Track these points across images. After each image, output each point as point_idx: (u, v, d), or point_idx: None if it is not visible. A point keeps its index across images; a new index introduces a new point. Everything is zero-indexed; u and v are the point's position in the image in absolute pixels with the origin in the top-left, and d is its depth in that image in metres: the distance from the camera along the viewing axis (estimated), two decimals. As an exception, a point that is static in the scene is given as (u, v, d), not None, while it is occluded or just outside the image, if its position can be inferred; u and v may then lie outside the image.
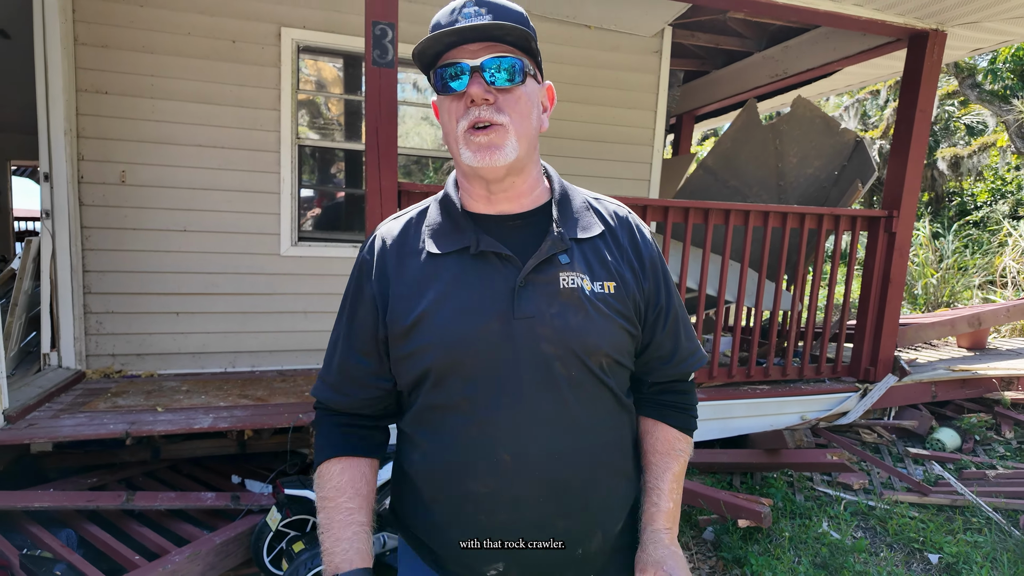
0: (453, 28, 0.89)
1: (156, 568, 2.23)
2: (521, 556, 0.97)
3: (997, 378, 4.27)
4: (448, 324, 0.94)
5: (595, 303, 0.96)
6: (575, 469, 0.96)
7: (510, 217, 1.01)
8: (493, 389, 0.94)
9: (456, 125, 0.94)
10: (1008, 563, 2.64)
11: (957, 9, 3.55)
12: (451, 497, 0.98)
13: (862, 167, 4.10)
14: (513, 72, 0.92)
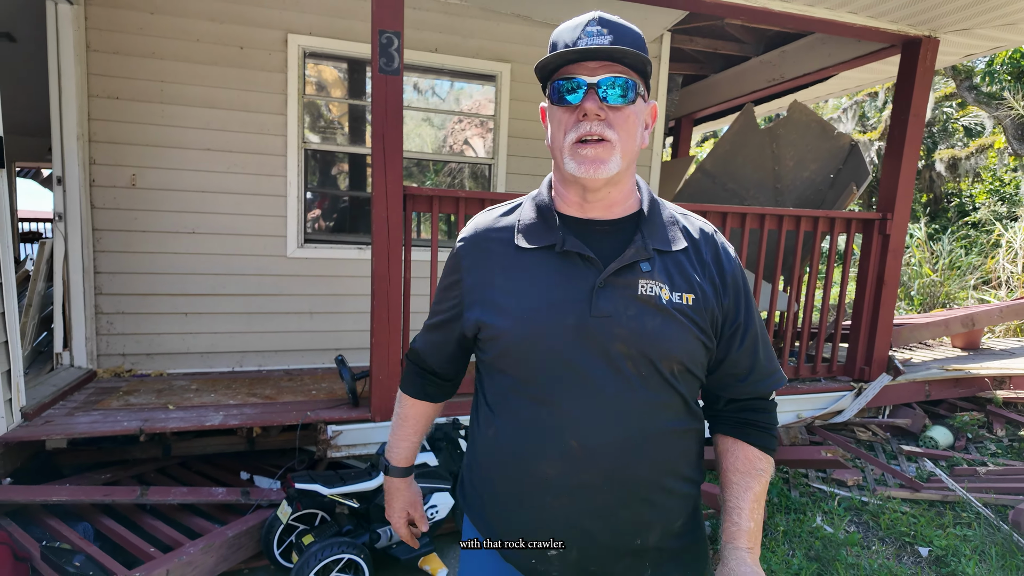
0: (576, 49, 0.96)
1: (172, 559, 2.31)
2: (583, 540, 1.03)
3: (990, 377, 4.35)
4: (528, 315, 1.01)
5: (672, 312, 1.00)
6: (639, 464, 1.01)
7: (599, 223, 1.07)
8: (565, 380, 1.00)
9: (564, 136, 1.00)
10: (996, 556, 2.72)
11: (949, 16, 3.64)
12: (518, 476, 1.05)
13: (857, 170, 4.19)
14: (626, 91, 0.98)
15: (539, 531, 1.05)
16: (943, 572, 2.68)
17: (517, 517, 1.07)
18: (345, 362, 3.29)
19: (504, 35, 4.44)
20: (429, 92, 4.69)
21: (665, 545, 1.08)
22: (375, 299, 3.03)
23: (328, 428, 3.09)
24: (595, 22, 0.98)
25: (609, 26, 0.98)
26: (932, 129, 15.96)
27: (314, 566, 2.36)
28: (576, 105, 0.98)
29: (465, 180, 5.59)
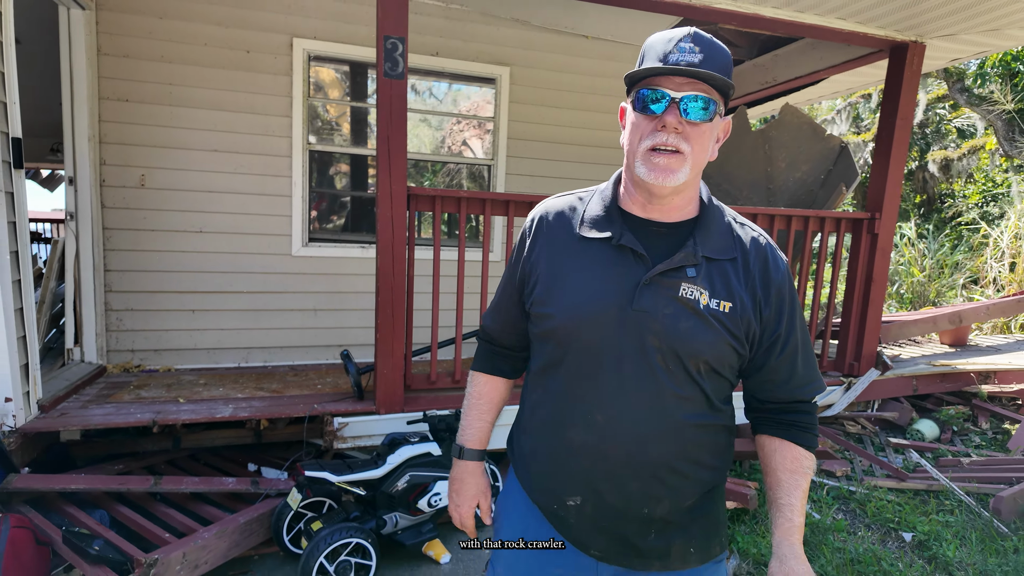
0: (667, 66, 1.02)
1: (188, 543, 2.41)
2: (596, 499, 1.15)
3: (975, 372, 4.48)
4: (575, 299, 1.12)
5: (707, 316, 1.07)
6: (654, 446, 1.10)
7: (657, 224, 1.14)
8: (599, 361, 1.10)
9: (640, 142, 1.07)
10: (976, 540, 2.85)
11: (935, 22, 3.76)
12: (551, 438, 1.18)
13: (846, 171, 4.31)
14: (707, 108, 1.04)
15: (562, 485, 1.18)
16: (925, 555, 2.80)
17: (546, 470, 1.21)
18: (351, 357, 3.40)
19: (504, 39, 4.55)
20: (427, 93, 4.80)
21: (673, 518, 1.16)
22: (379, 296, 3.14)
23: (335, 420, 3.20)
24: (688, 38, 1.04)
25: (701, 44, 1.04)
26: (926, 131, 16.12)
27: (324, 549, 2.46)
28: (658, 116, 1.05)
29: (463, 180, 5.71)
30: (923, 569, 2.69)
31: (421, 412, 3.15)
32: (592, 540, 1.18)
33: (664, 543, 1.17)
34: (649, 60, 1.07)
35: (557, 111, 4.75)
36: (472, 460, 1.36)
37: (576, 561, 1.20)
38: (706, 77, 1.01)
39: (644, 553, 1.17)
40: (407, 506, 2.80)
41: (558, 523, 1.22)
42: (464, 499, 1.36)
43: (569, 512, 1.19)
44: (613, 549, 1.18)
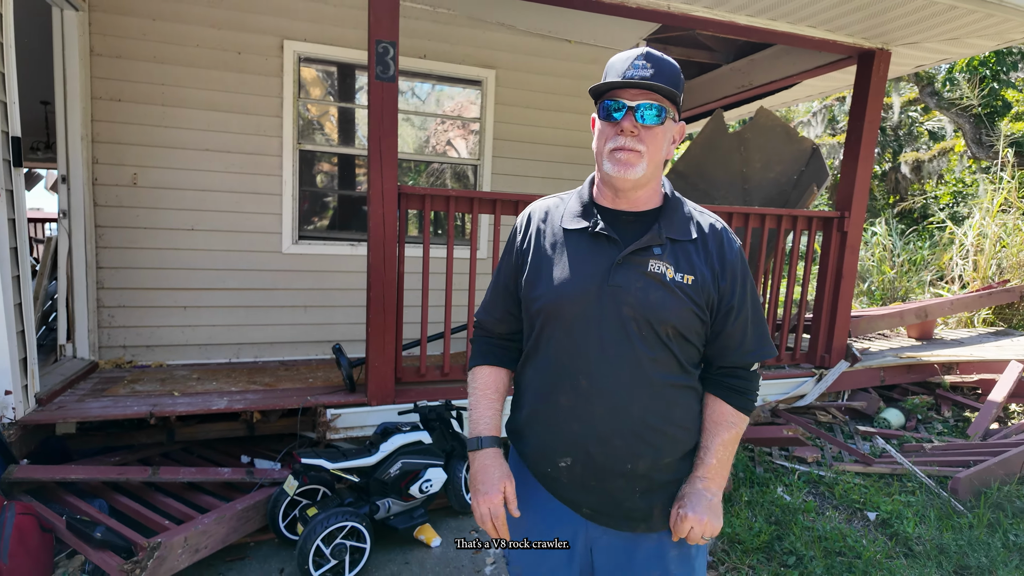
0: (624, 80, 1.22)
1: (189, 528, 2.51)
2: (584, 457, 1.29)
3: (939, 364, 4.71)
4: (559, 279, 1.29)
5: (672, 287, 1.25)
6: (634, 403, 1.26)
7: (627, 213, 1.33)
8: (582, 332, 1.27)
9: (605, 144, 1.28)
10: (934, 518, 3.04)
11: (900, 31, 3.97)
12: (543, 406, 1.34)
13: (818, 172, 4.51)
14: (659, 114, 1.23)
15: (554, 448, 1.33)
16: (887, 532, 2.99)
17: (539, 437, 1.36)
18: (342, 351, 3.50)
19: (490, 42, 4.68)
20: (409, 93, 4.90)
21: (654, 476, 1.30)
22: (371, 291, 3.25)
23: (328, 411, 3.30)
24: (642, 57, 1.24)
25: (652, 61, 1.24)
26: (899, 133, 16.56)
27: (320, 532, 2.57)
28: (618, 122, 1.25)
29: (447, 180, 5.81)
30: (885, 544, 2.88)
31: (412, 403, 3.26)
32: (583, 498, 1.32)
33: (647, 504, 1.31)
34: (610, 77, 1.27)
35: (542, 113, 4.89)
36: (491, 447, 1.37)
37: (570, 524, 1.35)
38: (655, 88, 1.21)
39: (630, 513, 1.31)
40: (399, 492, 2.92)
41: (550, 484, 1.35)
42: (491, 484, 1.32)
43: (561, 473, 1.33)
44: (602, 509, 1.32)
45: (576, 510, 1.34)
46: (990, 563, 2.65)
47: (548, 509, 1.37)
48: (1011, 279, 6.13)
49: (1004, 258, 6.28)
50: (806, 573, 2.63)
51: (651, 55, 1.25)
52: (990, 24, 3.74)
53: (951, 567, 2.68)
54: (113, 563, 2.34)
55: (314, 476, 2.86)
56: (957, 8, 3.51)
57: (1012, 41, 4.01)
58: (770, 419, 4.06)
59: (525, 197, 3.50)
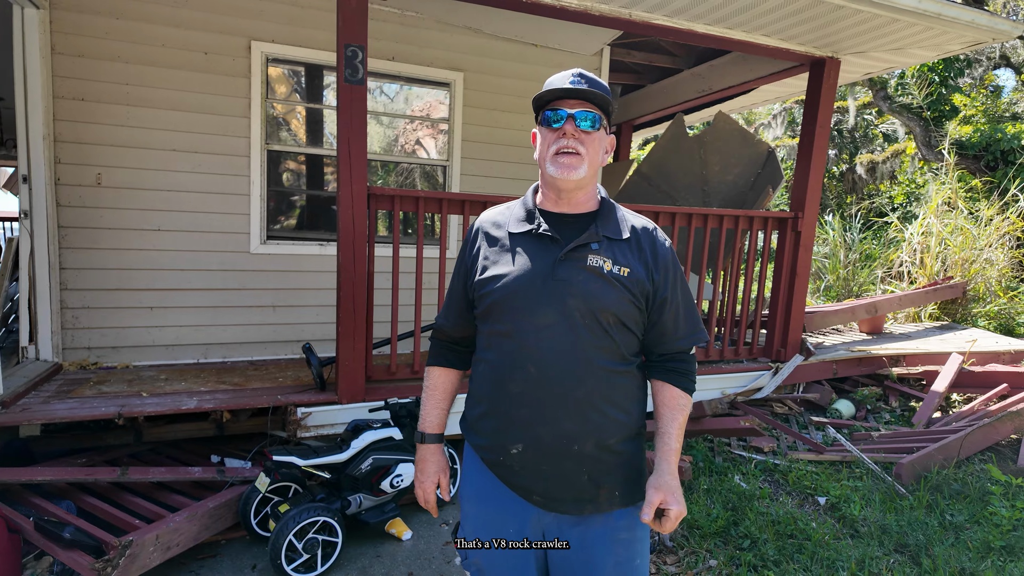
0: (564, 88, 1.38)
1: (161, 526, 2.53)
2: (534, 442, 1.40)
3: (887, 356, 4.96)
4: (508, 277, 1.40)
5: (610, 279, 1.37)
6: (580, 387, 1.36)
7: (568, 215, 1.46)
8: (530, 324, 1.38)
9: (548, 148, 1.40)
10: (879, 501, 3.23)
11: (847, 41, 4.18)
12: (495, 396, 1.44)
13: (773, 174, 4.71)
14: (594, 122, 1.39)
15: (506, 435, 1.42)
16: (836, 515, 3.17)
17: (492, 426, 1.45)
18: (312, 349, 3.54)
19: (458, 46, 4.76)
20: (378, 92, 4.95)
21: (600, 456, 1.41)
22: (341, 291, 3.30)
23: (298, 410, 3.34)
24: (577, 75, 1.41)
25: (586, 79, 1.41)
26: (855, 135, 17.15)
27: (293, 528, 2.62)
28: (559, 128, 1.39)
29: (416, 179, 5.87)
30: (833, 527, 3.05)
31: (383, 401, 3.33)
32: (534, 484, 1.42)
33: (595, 486, 1.41)
34: None
35: (509, 115, 4.99)
36: (432, 443, 1.58)
37: (523, 514, 1.44)
38: (590, 96, 1.38)
39: (579, 495, 1.41)
40: (371, 487, 2.98)
41: (503, 472, 1.45)
42: (427, 475, 1.57)
43: (513, 460, 1.42)
44: (553, 492, 1.41)
45: (527, 498, 1.43)
46: (926, 540, 2.84)
47: (501, 500, 1.46)
48: (954, 276, 6.46)
49: (948, 256, 6.61)
50: (759, 555, 2.78)
51: (584, 74, 1.41)
52: (929, 36, 3.97)
53: (892, 545, 2.87)
54: (84, 562, 2.35)
55: (285, 473, 2.91)
56: (899, 20, 3.72)
57: (950, 51, 4.26)
58: (728, 411, 4.23)
59: (494, 198, 3.58)
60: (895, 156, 14.50)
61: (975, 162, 11.41)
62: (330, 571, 2.76)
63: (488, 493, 1.48)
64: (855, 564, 2.69)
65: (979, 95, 13.82)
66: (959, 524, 3.00)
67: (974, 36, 3.94)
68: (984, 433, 3.71)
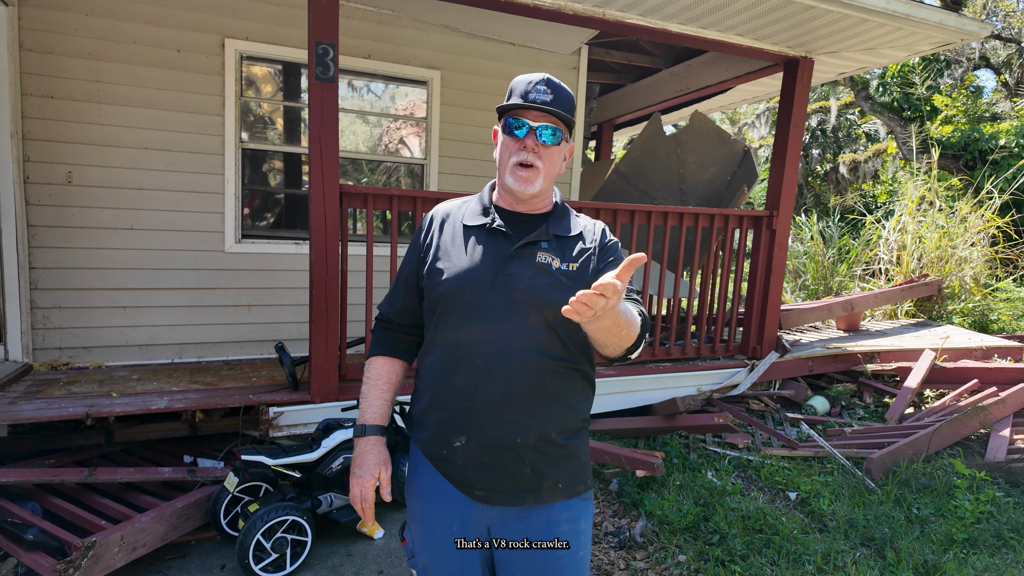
0: (528, 103, 1.38)
1: (127, 526, 2.51)
2: (477, 434, 1.40)
3: (862, 353, 5.01)
4: (459, 269, 1.42)
5: (557, 276, 1.40)
6: (524, 380, 1.37)
7: (521, 215, 1.49)
8: (478, 316, 1.39)
9: (509, 157, 1.42)
10: (848, 496, 3.27)
11: (820, 41, 4.22)
12: (441, 388, 1.43)
13: (748, 173, 4.74)
14: (555, 137, 1.40)
15: (450, 427, 1.42)
16: (805, 510, 3.20)
17: (436, 418, 1.45)
18: (285, 349, 3.53)
19: (435, 44, 4.75)
20: (364, 90, 4.94)
21: (543, 449, 1.41)
22: (313, 290, 3.29)
23: (270, 409, 3.33)
24: (543, 83, 1.41)
25: (552, 87, 1.41)
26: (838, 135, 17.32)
27: (261, 527, 2.61)
28: (521, 139, 1.41)
29: (402, 178, 5.86)
30: (802, 521, 3.09)
31: (355, 400, 3.32)
32: (476, 477, 1.42)
33: (537, 478, 1.42)
34: (514, 97, 1.42)
35: (487, 114, 4.99)
36: (373, 435, 1.46)
37: (465, 509, 1.44)
38: (554, 113, 1.39)
39: (521, 486, 1.42)
40: (342, 486, 2.98)
41: (445, 466, 1.44)
42: (365, 469, 1.42)
43: (455, 453, 1.42)
44: (494, 485, 1.42)
45: (469, 493, 1.43)
46: (892, 534, 2.88)
47: (444, 496, 1.46)
48: (930, 273, 6.54)
49: (924, 253, 6.69)
50: (727, 549, 2.81)
51: (551, 82, 1.42)
52: (899, 36, 4.02)
53: (858, 539, 2.90)
54: (46, 564, 2.33)
55: (255, 473, 2.90)
56: (869, 21, 3.76)
57: (921, 52, 4.32)
58: (704, 408, 4.26)
59: (468, 196, 3.58)
60: (877, 156, 14.66)
61: (954, 161, 11.56)
62: (300, 570, 2.75)
63: (431, 489, 1.47)
64: (821, 558, 2.72)
65: (960, 96, 14.01)
66: (925, 517, 3.05)
67: (943, 37, 3.99)
68: (952, 428, 3.77)
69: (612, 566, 2.80)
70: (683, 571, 2.72)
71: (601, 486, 3.46)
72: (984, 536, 2.85)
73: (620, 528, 3.07)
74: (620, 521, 3.15)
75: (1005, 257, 7.44)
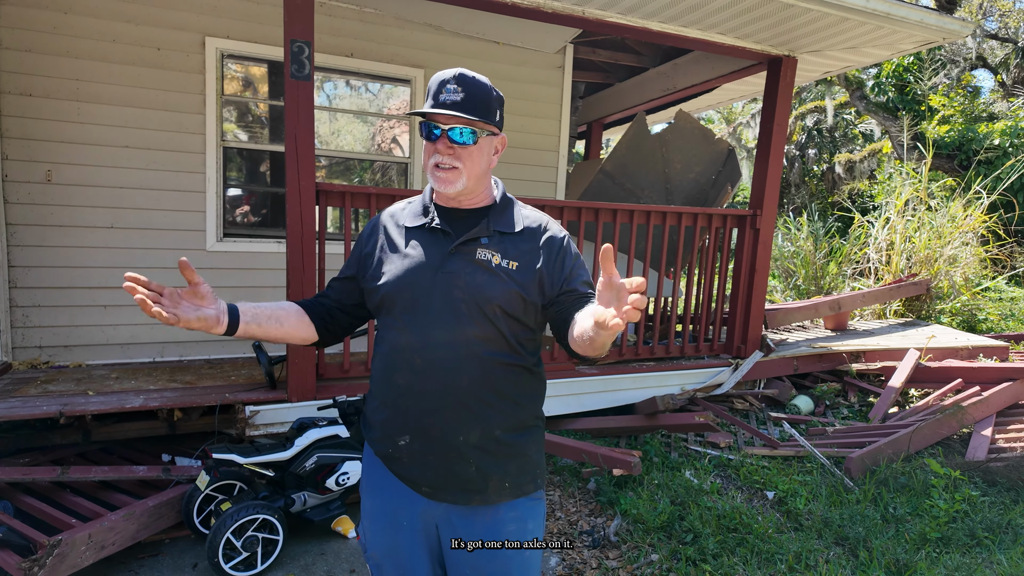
0: (432, 108, 1.34)
1: (95, 524, 2.50)
2: (420, 433, 1.40)
3: (847, 353, 5.00)
4: (399, 270, 1.42)
5: (498, 272, 1.37)
6: (464, 378, 1.37)
7: (461, 210, 1.47)
8: (418, 315, 1.39)
9: (428, 160, 1.41)
10: (825, 495, 3.26)
11: (803, 39, 4.21)
12: (385, 388, 1.44)
13: (732, 173, 4.74)
14: (471, 136, 1.36)
15: (394, 427, 1.43)
16: (782, 509, 3.19)
17: (382, 418, 1.46)
18: (262, 348, 3.52)
19: (418, 43, 4.74)
20: (362, 88, 4.93)
21: (486, 446, 1.40)
22: (290, 288, 3.28)
23: (246, 408, 3.32)
24: (453, 80, 1.35)
25: (464, 84, 1.35)
26: (834, 135, 17.32)
27: (231, 525, 2.60)
28: (433, 143, 1.38)
29: (394, 177, 5.86)
30: (777, 520, 3.08)
31: (332, 399, 3.31)
32: (422, 475, 1.42)
33: (482, 477, 1.41)
34: (428, 99, 1.40)
35: (472, 112, 4.97)
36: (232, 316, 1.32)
37: (413, 505, 1.45)
38: (461, 116, 1.33)
39: (466, 486, 1.41)
40: (315, 485, 2.97)
41: (393, 464, 1.46)
42: None
43: (401, 451, 1.43)
44: (439, 483, 1.41)
45: (416, 489, 1.44)
46: (866, 533, 2.87)
47: (393, 492, 1.46)
48: (919, 273, 6.54)
49: (912, 253, 6.68)
50: (700, 548, 2.80)
51: (463, 78, 1.36)
52: (881, 35, 4.01)
53: (832, 538, 2.89)
54: (12, 562, 2.32)
55: (228, 471, 2.89)
56: (849, 20, 3.75)
57: (903, 51, 4.31)
58: (687, 407, 4.25)
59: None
60: (872, 155, 14.65)
61: (949, 161, 11.56)
62: (271, 569, 2.74)
63: (381, 485, 1.48)
64: (793, 557, 2.71)
65: (956, 96, 13.99)
66: (900, 516, 3.04)
67: (924, 36, 3.99)
68: (932, 428, 3.76)
69: (584, 565, 2.79)
70: (655, 570, 2.71)
71: (579, 485, 3.45)
72: (957, 535, 2.84)
73: (595, 527, 3.06)
74: (596, 520, 3.14)
75: (995, 257, 7.43)
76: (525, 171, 5.23)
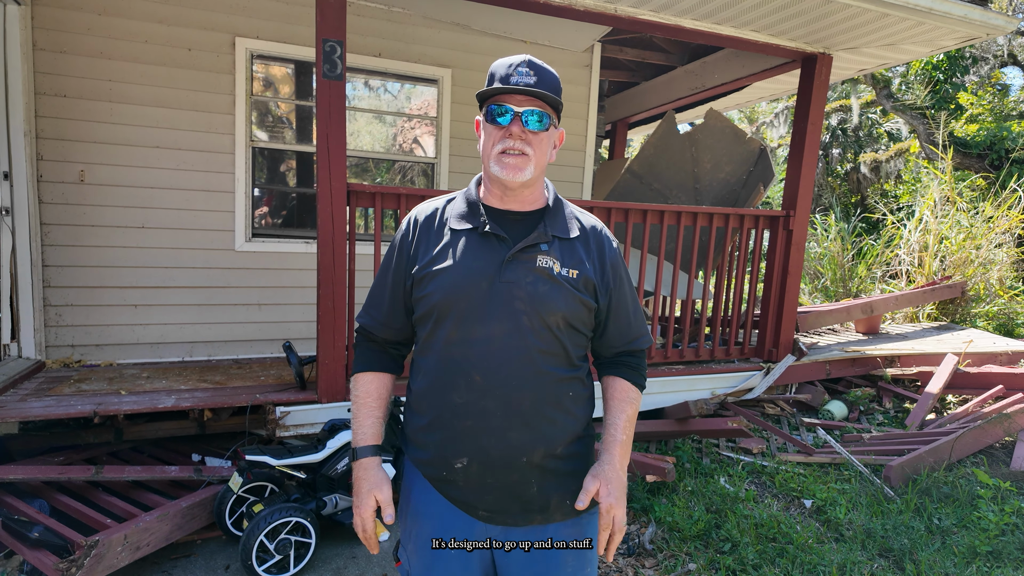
0: (510, 86, 1.27)
1: (130, 525, 2.50)
2: (481, 455, 1.31)
3: (881, 357, 4.88)
4: (451, 278, 1.31)
5: (560, 281, 1.30)
6: (527, 395, 1.29)
7: (513, 213, 1.38)
8: (475, 328, 1.29)
9: (493, 146, 1.31)
10: (865, 504, 3.17)
11: (839, 36, 4.11)
12: (437, 406, 1.33)
13: (765, 172, 4.64)
14: (542, 122, 1.30)
15: (450, 449, 1.33)
16: (821, 518, 3.11)
17: (434, 439, 1.35)
18: (293, 348, 3.51)
19: (445, 42, 4.72)
20: (381, 89, 4.92)
21: (548, 465, 1.34)
22: (320, 289, 3.27)
23: (277, 409, 3.31)
24: (524, 64, 1.30)
25: (535, 69, 1.30)
26: (859, 134, 17.02)
27: (264, 528, 2.59)
28: (505, 126, 1.30)
29: (416, 177, 5.84)
30: (817, 530, 3.00)
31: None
32: (479, 499, 1.34)
33: (544, 495, 1.34)
34: (495, 82, 1.32)
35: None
36: (366, 457, 1.37)
37: (468, 530, 1.35)
38: (539, 95, 1.28)
39: (527, 506, 1.34)
40: (347, 487, 2.94)
41: (447, 488, 1.36)
42: (362, 498, 1.34)
43: (457, 475, 1.33)
44: (499, 505, 1.34)
45: (473, 514, 1.35)
46: (911, 545, 2.78)
47: (444, 516, 1.37)
48: (953, 275, 6.37)
49: (947, 255, 6.52)
50: (739, 558, 2.73)
51: (533, 63, 1.31)
52: (922, 31, 3.90)
53: (876, 550, 2.81)
54: (49, 562, 2.33)
55: (260, 473, 2.88)
56: (889, 16, 3.65)
57: (944, 47, 4.19)
58: (717, 411, 4.17)
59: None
60: (899, 155, 14.37)
61: (979, 161, 11.29)
62: (303, 572, 2.73)
63: (429, 509, 1.38)
64: (836, 569, 2.63)
65: (986, 93, 13.67)
66: (946, 528, 2.94)
67: (967, 31, 3.87)
68: (975, 436, 3.65)
69: (620, 574, 2.74)
70: (693, 580, 2.65)
71: (610, 491, 3.39)
72: (1009, 549, 2.74)
73: (629, 535, 3.00)
74: (629, 527, 3.08)
75: (1032, 259, 7.22)
76: (551, 171, 5.18)
